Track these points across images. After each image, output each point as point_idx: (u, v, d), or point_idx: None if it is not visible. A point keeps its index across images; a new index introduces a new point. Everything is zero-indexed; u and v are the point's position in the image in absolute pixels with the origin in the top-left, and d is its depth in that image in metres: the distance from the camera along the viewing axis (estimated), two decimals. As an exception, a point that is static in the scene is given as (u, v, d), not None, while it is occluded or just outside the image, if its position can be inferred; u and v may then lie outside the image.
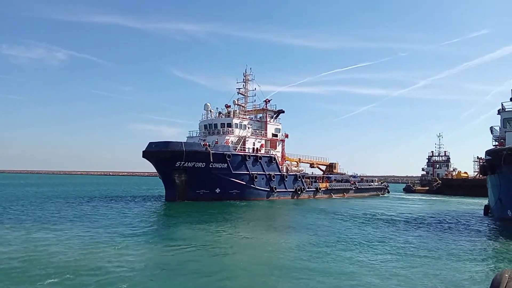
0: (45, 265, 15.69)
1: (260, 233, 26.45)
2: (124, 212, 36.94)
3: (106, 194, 65.05)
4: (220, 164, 50.93)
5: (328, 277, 14.96)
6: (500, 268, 16.54)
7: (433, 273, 15.97)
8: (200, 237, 23.62)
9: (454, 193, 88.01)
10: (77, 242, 20.83)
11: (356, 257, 18.71)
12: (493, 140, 42.04)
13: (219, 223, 30.23)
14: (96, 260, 16.72)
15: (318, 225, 30.41)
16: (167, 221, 32.80)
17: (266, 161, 57.42)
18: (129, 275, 14.60)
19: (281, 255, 19.04)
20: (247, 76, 65.20)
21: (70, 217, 31.65)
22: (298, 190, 61.75)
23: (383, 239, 24.05)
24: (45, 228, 25.45)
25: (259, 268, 16.54)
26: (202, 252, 19.19)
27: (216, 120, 59.35)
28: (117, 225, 27.65)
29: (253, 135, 60.42)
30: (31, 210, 36.83)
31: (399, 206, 54.37)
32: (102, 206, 42.60)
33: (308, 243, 22.00)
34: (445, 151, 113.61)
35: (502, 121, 39.29)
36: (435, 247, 21.81)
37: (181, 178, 49.87)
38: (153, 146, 50.06)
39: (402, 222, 33.89)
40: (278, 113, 66.68)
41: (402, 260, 18.28)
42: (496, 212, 37.70)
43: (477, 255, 19.88)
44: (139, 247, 19.95)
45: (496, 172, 34.06)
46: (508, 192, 33.19)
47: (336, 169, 79.71)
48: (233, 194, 52.49)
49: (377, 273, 15.76)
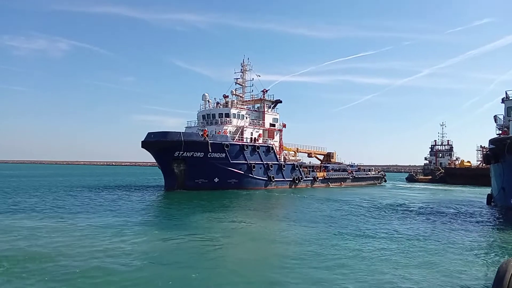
0: (47, 255, 15.58)
1: (259, 221, 26.51)
2: (123, 201, 36.94)
3: (107, 184, 65.05)
4: (218, 154, 51.15)
5: (325, 269, 14.49)
6: (505, 257, 16.27)
7: (436, 262, 15.68)
8: (199, 226, 23.57)
9: (457, 182, 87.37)
10: (77, 230, 21.05)
11: (357, 246, 18.38)
12: (496, 129, 41.52)
13: (217, 212, 30.31)
14: (93, 249, 16.73)
15: (316, 214, 30.23)
16: (165, 210, 32.88)
17: (264, 151, 57.70)
18: (125, 263, 14.60)
19: (281, 244, 18.97)
20: (244, 66, 65.03)
21: (70, 207, 31.81)
22: (296, 180, 62.20)
23: (384, 230, 23.51)
24: (49, 218, 25.51)
25: (258, 258, 16.43)
26: (201, 241, 19.06)
27: (214, 110, 59.45)
28: (116, 214, 27.59)
29: (251, 125, 60.55)
30: (34, 200, 36.62)
31: (399, 195, 53.69)
32: (101, 196, 42.42)
33: (306, 232, 21.73)
34: (448, 140, 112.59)
35: (506, 109, 39.12)
36: (438, 236, 21.50)
37: (180, 168, 50.27)
38: (151, 137, 50.28)
39: (405, 211, 33.36)
40: (275, 103, 66.80)
41: (404, 249, 17.97)
42: (499, 201, 37.43)
43: (481, 244, 19.65)
44: (136, 236, 19.88)
45: (500, 161, 33.83)
46: (511, 181, 32.66)
47: (333, 159, 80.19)
48: (231, 184, 52.77)
49: (379, 263, 15.36)
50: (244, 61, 65.03)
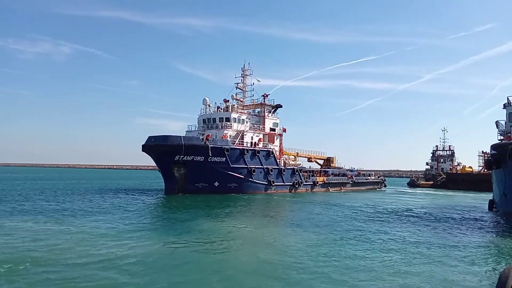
0: (47, 259, 15.59)
1: (259, 225, 26.45)
2: (124, 205, 36.87)
3: (108, 187, 64.90)
4: (218, 158, 51.08)
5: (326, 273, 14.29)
6: (507, 263, 16.17)
7: (438, 268, 15.53)
8: (199, 230, 23.46)
9: (459, 187, 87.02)
10: (78, 234, 21.15)
11: (357, 252, 18.22)
12: (498, 134, 41.36)
13: (218, 216, 30.27)
14: (92, 253, 16.77)
15: (315, 219, 30.04)
16: (165, 214, 32.69)
17: (264, 155, 57.66)
18: (126, 267, 14.60)
19: (282, 251, 18.77)
20: (245, 70, 65.10)
21: (72, 210, 31.89)
22: (296, 184, 62.12)
23: (385, 235, 23.32)
24: (50, 221, 25.54)
25: (259, 262, 16.34)
26: (202, 245, 19.06)
27: (215, 115, 59.47)
28: (117, 218, 27.61)
29: (251, 129, 60.51)
30: (35, 203, 36.58)
31: (400, 200, 53.38)
32: (102, 199, 42.40)
33: (308, 238, 21.58)
34: (450, 145, 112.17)
35: (508, 115, 38.98)
36: (439, 242, 21.36)
37: (180, 172, 50.27)
38: (152, 140, 50.32)
39: (406, 217, 33.13)
40: (276, 107, 66.75)
41: (406, 255, 17.83)
42: (501, 207, 37.14)
43: (483, 250, 19.55)
44: (134, 240, 19.83)
45: (501, 166, 33.57)
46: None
47: (333, 163, 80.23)
48: (232, 188, 52.70)
49: (381, 269, 15.18)
50: (245, 65, 65.15)
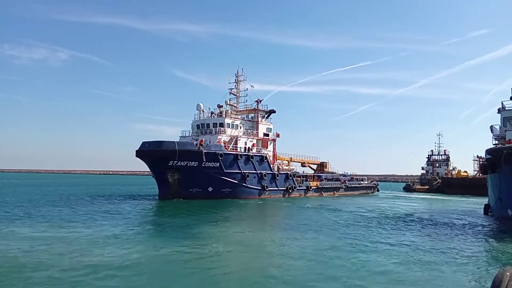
0: (41, 264, 15.52)
1: (253, 230, 26.52)
2: (117, 211, 36.56)
3: (103, 193, 64.34)
4: (212, 163, 50.98)
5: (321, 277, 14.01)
6: (501, 267, 15.67)
7: (433, 272, 15.43)
8: (193, 235, 23.37)
9: (454, 192, 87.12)
10: (70, 240, 20.89)
11: (353, 256, 18.14)
12: (493, 139, 41.36)
13: (211, 222, 30.15)
14: (85, 259, 16.66)
15: (309, 223, 29.96)
16: (158, 220, 32.55)
17: (258, 160, 57.63)
18: (119, 273, 14.46)
19: (277, 256, 18.77)
20: (239, 76, 65.25)
21: (65, 216, 31.62)
22: (289, 189, 62.20)
23: (381, 239, 23.04)
24: (48, 227, 25.40)
25: (253, 268, 16.24)
26: (195, 250, 18.98)
27: (209, 120, 59.48)
28: (110, 224, 27.37)
29: (245, 135, 60.52)
30: (30, 210, 36.13)
31: (395, 205, 53.13)
32: (96, 205, 41.97)
33: (303, 243, 21.46)
34: (445, 150, 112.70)
35: (502, 120, 38.97)
36: (435, 246, 21.27)
37: (174, 177, 50.21)
38: (146, 146, 50.33)
39: (403, 221, 32.90)
40: (269, 113, 66.86)
41: (401, 259, 17.71)
42: (496, 211, 37.13)
43: (477, 254, 19.51)
44: (129, 246, 19.75)
45: (496, 171, 33.57)
46: (508, 191, 32.59)
47: (327, 168, 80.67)
48: (225, 193, 52.53)
49: (376, 273, 15.07)
50: (239, 71, 65.30)
